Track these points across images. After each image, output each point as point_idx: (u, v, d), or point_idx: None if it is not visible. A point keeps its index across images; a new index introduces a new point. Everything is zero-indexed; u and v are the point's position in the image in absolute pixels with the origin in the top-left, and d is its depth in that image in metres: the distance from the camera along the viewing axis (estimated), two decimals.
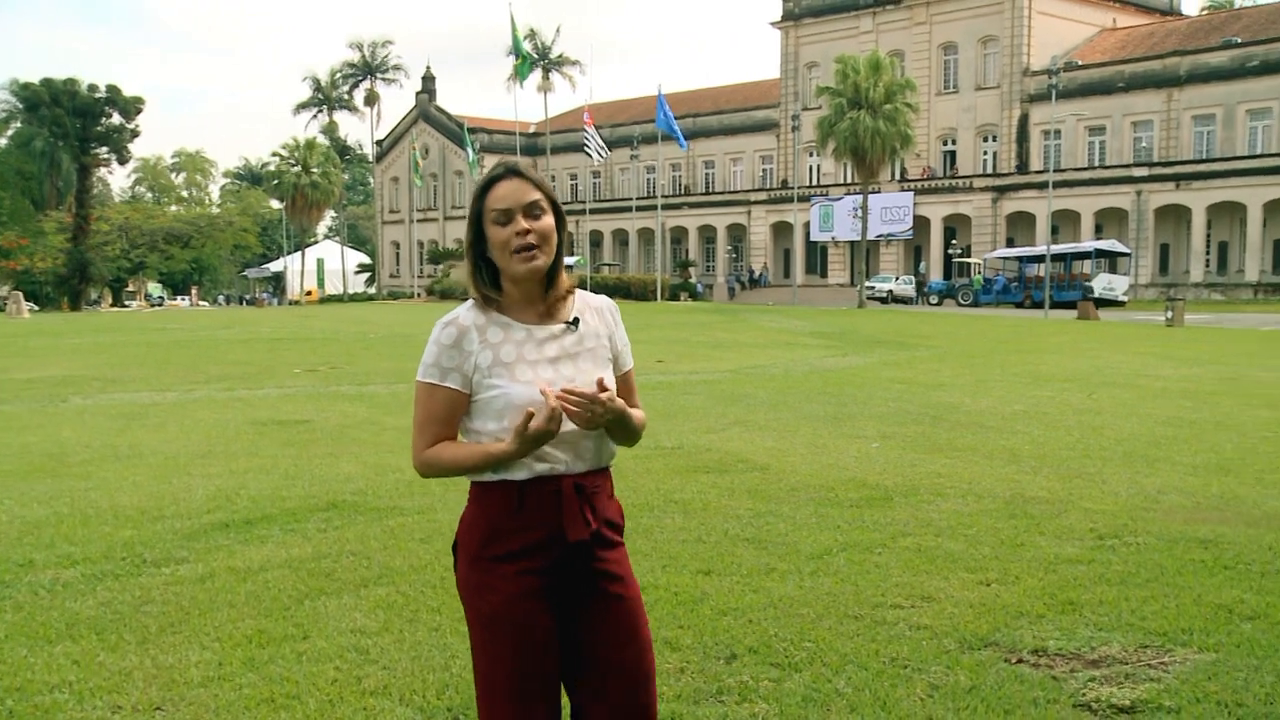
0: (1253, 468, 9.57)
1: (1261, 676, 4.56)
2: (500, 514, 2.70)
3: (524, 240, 2.70)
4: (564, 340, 2.77)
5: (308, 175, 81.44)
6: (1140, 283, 60.58)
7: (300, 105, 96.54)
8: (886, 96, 55.97)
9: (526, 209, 2.72)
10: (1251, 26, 64.92)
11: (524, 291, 2.78)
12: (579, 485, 2.70)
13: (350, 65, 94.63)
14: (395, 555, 6.58)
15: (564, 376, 2.72)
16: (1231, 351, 25.19)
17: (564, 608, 2.75)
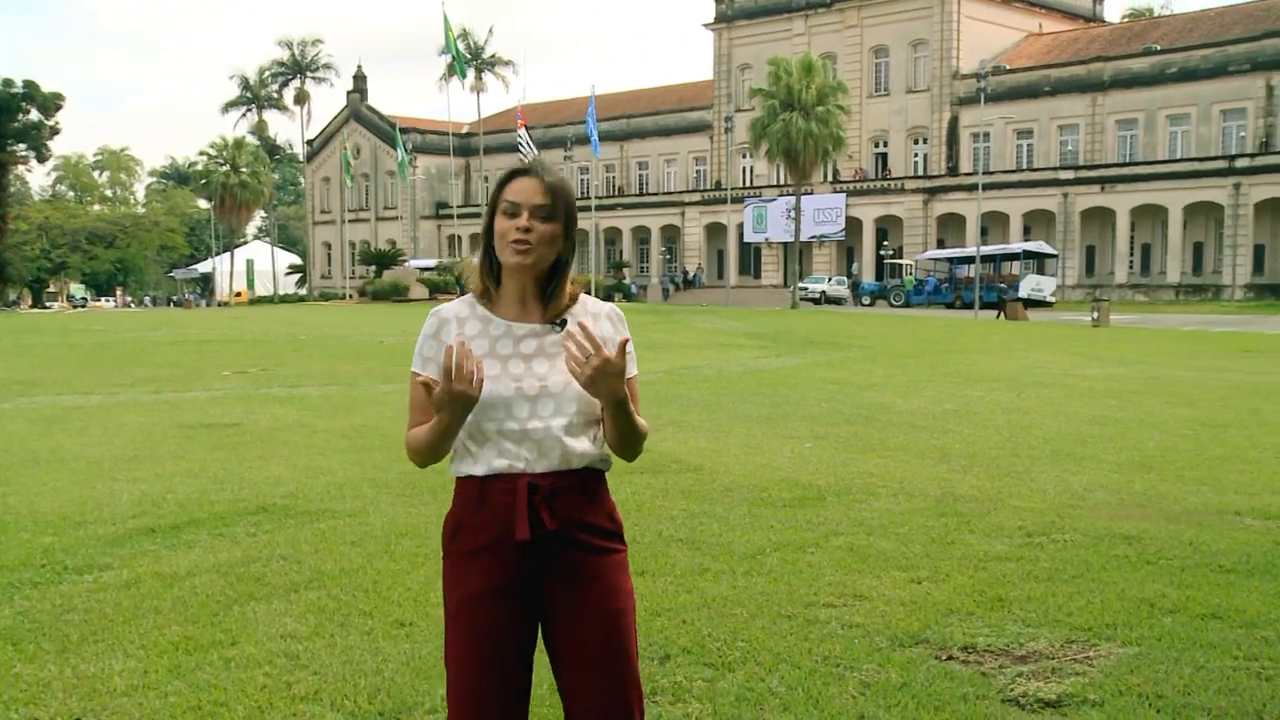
0: (1174, 465, 9.77)
1: (1180, 669, 4.66)
2: (466, 509, 2.75)
3: (521, 236, 2.73)
4: (544, 339, 2.78)
5: (237, 175, 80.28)
6: (1067, 284, 61.65)
7: (228, 104, 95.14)
8: (819, 99, 56.44)
9: (534, 209, 2.75)
10: (1170, 34, 66.39)
11: (517, 287, 2.80)
12: (534, 485, 2.68)
13: (280, 64, 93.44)
14: (326, 559, 6.50)
15: (535, 374, 2.73)
16: (1154, 351, 25.74)
17: (538, 609, 2.75)
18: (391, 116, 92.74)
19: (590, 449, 2.76)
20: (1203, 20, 67.17)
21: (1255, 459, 10.08)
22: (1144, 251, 62.62)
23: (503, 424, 2.70)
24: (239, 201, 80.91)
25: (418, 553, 6.61)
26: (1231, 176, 57.45)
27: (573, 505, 2.74)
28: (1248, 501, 8.08)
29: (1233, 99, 60.62)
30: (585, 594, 2.74)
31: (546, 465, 2.70)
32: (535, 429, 2.69)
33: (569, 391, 2.72)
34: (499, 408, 2.70)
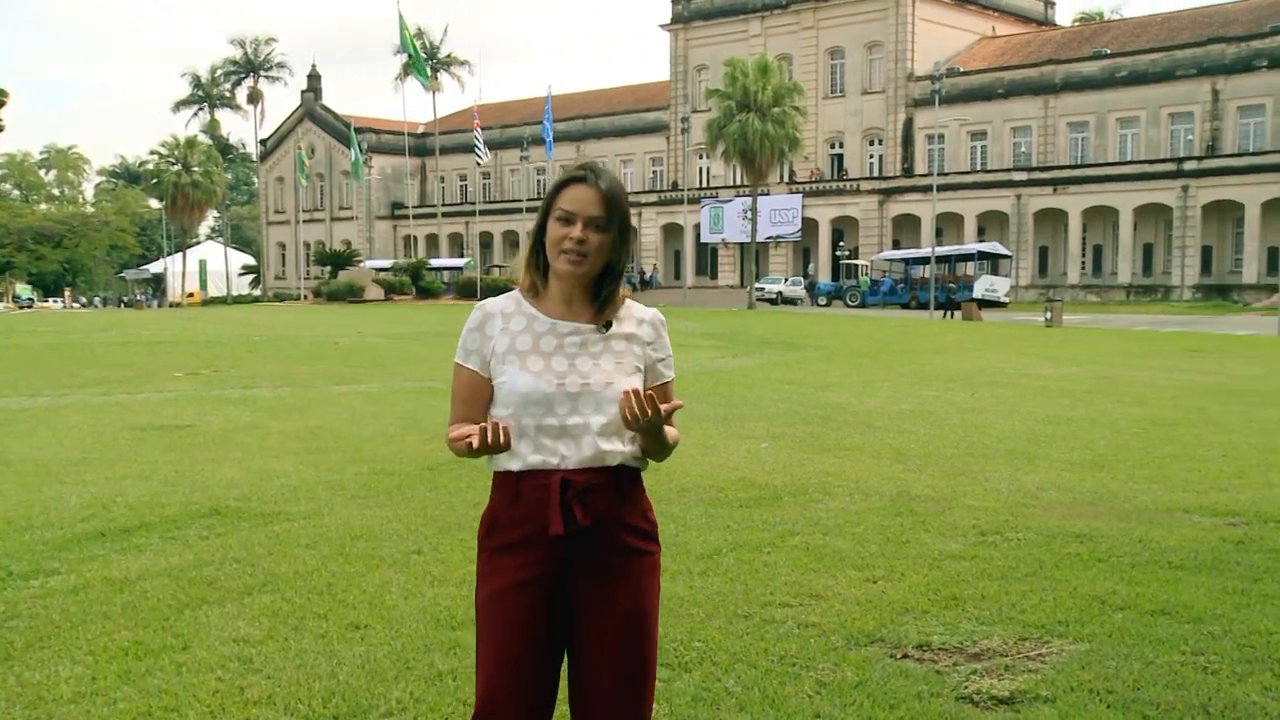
0: (1125, 464, 9.89)
1: (1130, 664, 4.72)
2: (501, 504, 2.78)
3: (575, 246, 2.75)
4: (588, 336, 2.80)
5: (189, 174, 79.34)
6: (1021, 284, 62.27)
7: (180, 103, 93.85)
8: (775, 100, 56.63)
9: (589, 220, 2.75)
10: (1120, 38, 67.29)
11: (565, 289, 2.81)
12: (567, 480, 2.70)
13: (232, 62, 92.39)
14: (280, 562, 6.44)
15: (579, 371, 2.76)
16: (1106, 351, 26.05)
17: (568, 605, 2.76)
18: (346, 116, 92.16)
19: (625, 448, 2.78)
20: (1151, 25, 68.14)
21: (1203, 457, 10.22)
22: (1096, 252, 63.40)
23: (542, 420, 2.73)
24: (191, 201, 79.98)
25: (373, 555, 6.57)
26: (1179, 179, 58.31)
27: (607, 502, 2.75)
28: (1196, 499, 8.19)
29: (1180, 103, 61.52)
30: (613, 593, 2.76)
31: (581, 462, 2.72)
32: (574, 425, 2.72)
33: (609, 392, 2.75)
34: (540, 404, 2.72)
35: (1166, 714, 4.23)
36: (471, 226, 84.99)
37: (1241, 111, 60.00)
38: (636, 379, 2.82)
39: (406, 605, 5.60)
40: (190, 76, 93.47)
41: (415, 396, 15.69)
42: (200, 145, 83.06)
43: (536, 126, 75.72)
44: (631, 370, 2.82)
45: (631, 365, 2.83)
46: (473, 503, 8.07)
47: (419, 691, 4.49)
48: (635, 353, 2.85)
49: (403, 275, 64.51)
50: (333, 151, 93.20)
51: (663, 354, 2.92)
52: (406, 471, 9.42)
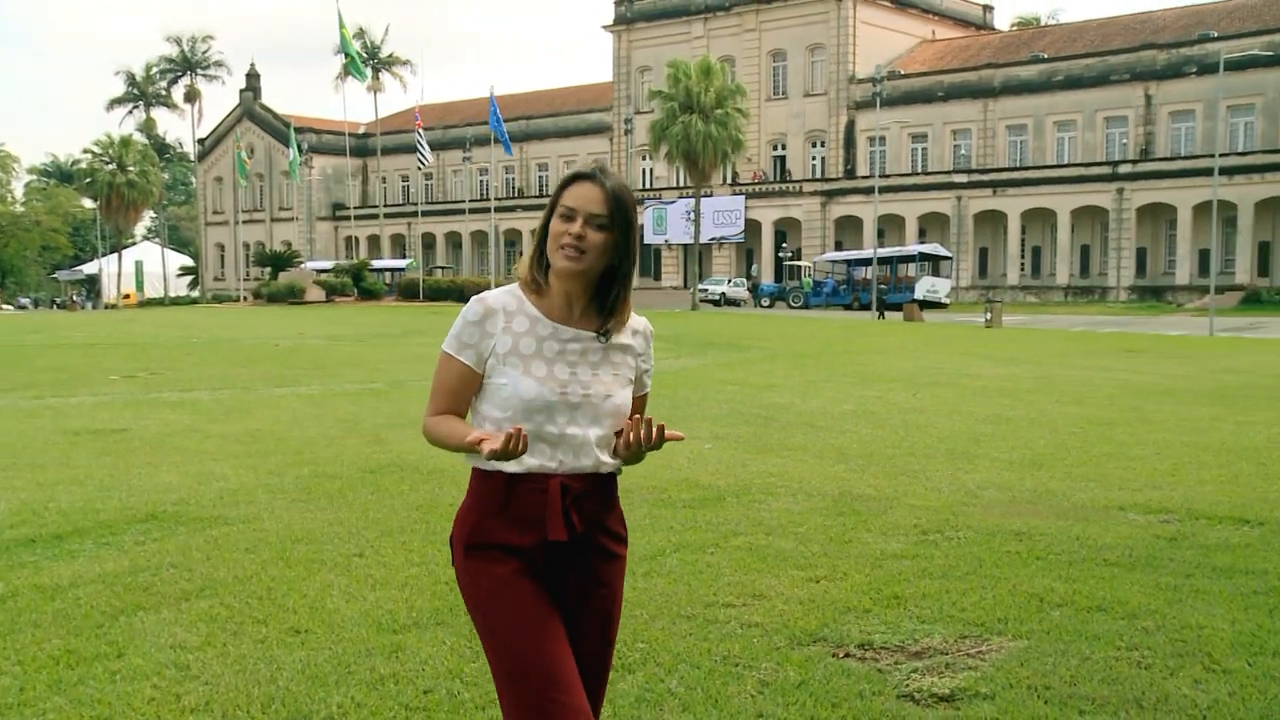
0: (1063, 462, 10.03)
1: (1067, 660, 4.79)
2: (490, 505, 2.74)
3: (573, 242, 2.72)
4: (588, 345, 2.78)
5: (124, 174, 77.98)
6: (961, 285, 62.99)
7: (114, 101, 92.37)
8: (718, 101, 56.82)
9: (589, 217, 2.73)
10: (1056, 43, 68.32)
11: (564, 290, 2.78)
12: (566, 486, 2.70)
13: (168, 60, 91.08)
14: (219, 566, 6.35)
15: (579, 381, 2.74)
16: (1045, 351, 26.41)
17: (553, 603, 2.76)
18: (286, 116, 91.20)
19: (613, 458, 2.80)
20: (1086, 30, 69.25)
21: (1139, 455, 10.39)
22: (1034, 254, 64.29)
23: (541, 427, 2.71)
24: (126, 201, 78.61)
25: (314, 558, 6.50)
26: (1115, 182, 59.31)
27: (595, 509, 2.78)
28: (1131, 497, 8.32)
29: (1115, 107, 62.57)
30: (592, 596, 2.78)
31: (576, 468, 2.72)
32: (573, 435, 2.72)
33: (607, 405, 2.76)
34: (541, 412, 2.70)
35: (1102, 708, 4.30)
36: (414, 227, 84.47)
37: (1173, 116, 61.16)
38: (629, 391, 2.84)
39: (348, 609, 5.55)
40: (125, 74, 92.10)
41: (357, 399, 15.55)
42: (136, 144, 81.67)
43: (479, 127, 75.43)
44: (626, 382, 2.83)
45: (626, 377, 2.84)
46: (414, 505, 8.01)
47: (360, 696, 4.44)
48: (629, 364, 2.85)
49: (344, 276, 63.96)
50: (272, 151, 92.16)
51: (648, 365, 2.94)
52: (348, 474, 9.33)
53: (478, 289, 63.16)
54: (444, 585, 5.92)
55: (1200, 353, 26.10)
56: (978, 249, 65.26)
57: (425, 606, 5.57)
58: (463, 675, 4.65)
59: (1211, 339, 32.02)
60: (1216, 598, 5.66)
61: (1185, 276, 57.67)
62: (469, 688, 4.53)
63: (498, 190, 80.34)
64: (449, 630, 5.21)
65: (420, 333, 32.74)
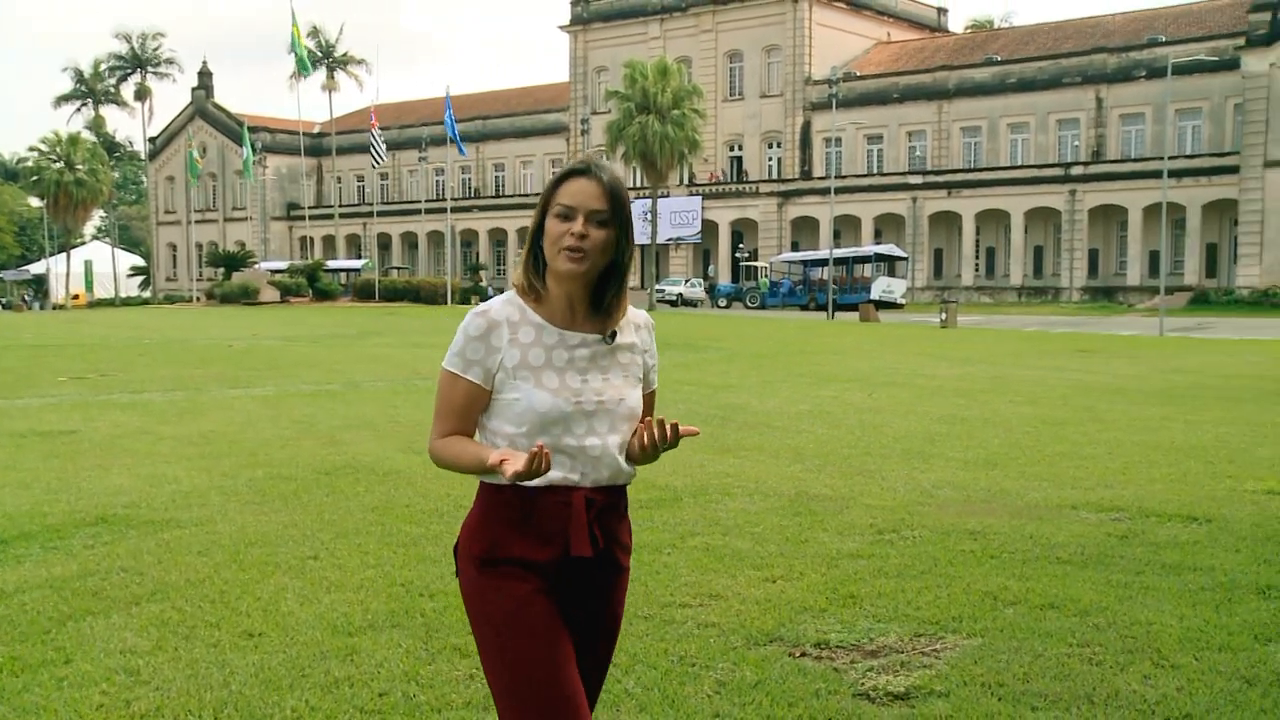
0: (1017, 462, 10.13)
1: (1020, 657, 4.83)
2: (507, 520, 2.62)
3: (575, 242, 2.61)
4: (596, 349, 2.68)
5: (72, 172, 76.85)
6: (917, 285, 63.48)
7: (61, 97, 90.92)
8: (674, 102, 56.94)
9: (589, 214, 2.62)
10: (1010, 45, 68.99)
11: (564, 294, 2.67)
12: (590, 499, 2.61)
13: (117, 57, 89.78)
14: (171, 570, 6.27)
15: (592, 388, 2.64)
16: (999, 351, 26.66)
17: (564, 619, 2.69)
18: (239, 114, 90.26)
19: (628, 468, 2.72)
20: (1039, 33, 69.98)
21: (1091, 455, 10.51)
22: (989, 255, 64.90)
23: (560, 440, 2.61)
24: (75, 200, 77.47)
25: (268, 561, 6.43)
26: (1067, 183, 60.00)
27: (614, 522, 2.71)
28: (1083, 496, 8.41)
29: (1067, 109, 63.27)
30: (601, 608, 2.72)
31: (597, 480, 2.64)
32: (592, 446, 2.62)
33: (622, 409, 2.67)
34: (558, 423, 2.61)
35: (1054, 704, 4.34)
36: (369, 228, 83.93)
37: (1124, 119, 61.94)
38: (640, 391, 2.76)
39: (302, 612, 5.50)
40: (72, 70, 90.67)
41: (312, 400, 15.42)
42: (84, 142, 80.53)
43: (435, 127, 75.14)
44: (635, 382, 2.74)
45: (635, 377, 2.75)
46: (370, 507, 7.96)
47: (314, 700, 4.40)
48: (637, 362, 2.76)
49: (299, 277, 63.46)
50: (225, 151, 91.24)
51: (653, 360, 2.85)
52: (303, 476, 9.25)
53: (434, 290, 62.94)
54: (399, 587, 5.89)
55: (1150, 353, 26.45)
56: (933, 250, 65.79)
57: (381, 609, 5.53)
58: (418, 677, 4.63)
59: (1161, 339, 32.46)
60: (1165, 594, 5.74)
61: (1136, 277, 58.43)
62: (425, 690, 4.50)
63: (454, 190, 79.99)
64: (405, 632, 5.18)
65: (376, 334, 32.55)
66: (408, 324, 38.78)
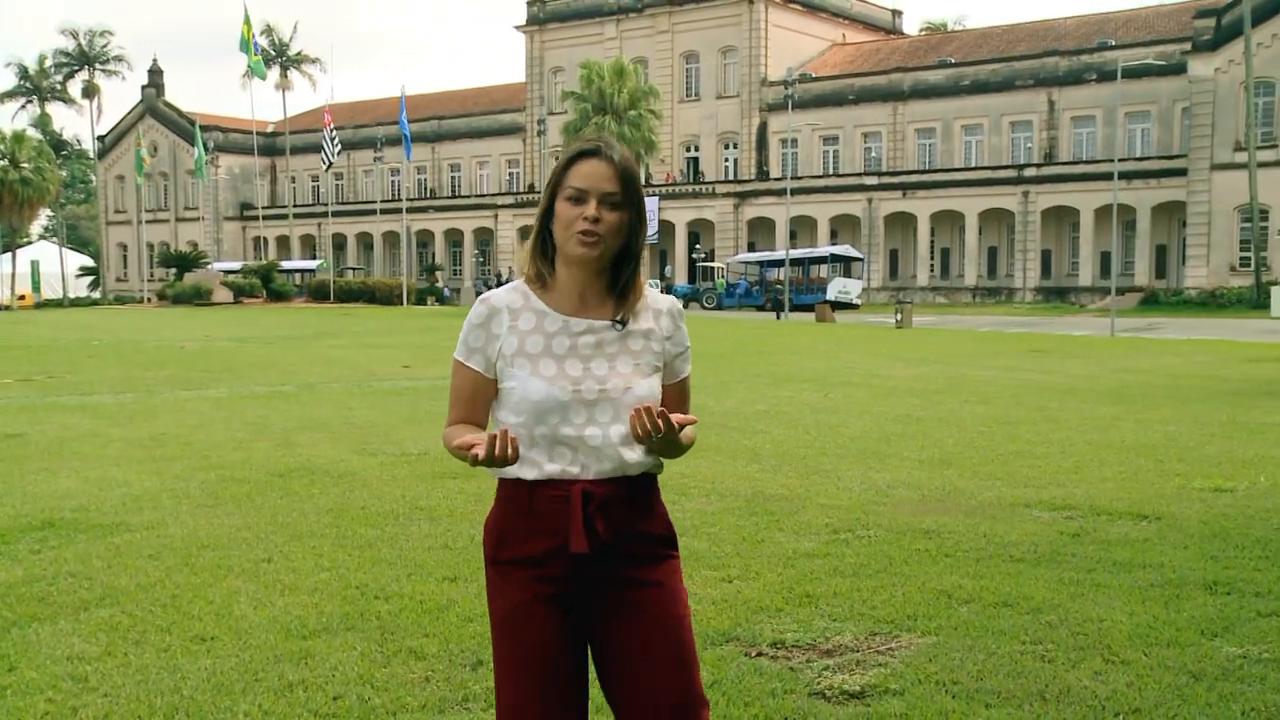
0: (971, 461, 10.20)
1: (974, 655, 4.87)
2: (512, 515, 2.59)
3: (589, 226, 2.54)
4: (603, 335, 2.60)
5: (17, 170, 75.50)
6: (873, 286, 63.87)
7: (5, 94, 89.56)
8: (631, 103, 57.03)
9: (603, 197, 2.56)
10: (963, 48, 69.62)
11: (575, 279, 2.61)
12: (588, 492, 2.54)
13: (64, 54, 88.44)
14: (120, 574, 6.18)
15: (594, 376, 2.56)
16: (954, 351, 26.88)
17: (589, 621, 2.62)
18: (191, 113, 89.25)
19: (645, 456, 2.61)
20: (992, 36, 70.66)
21: (1043, 454, 10.61)
22: (943, 255, 65.45)
23: (557, 429, 2.55)
24: (20, 199, 76.17)
25: (220, 565, 6.36)
26: (1020, 185, 60.62)
27: (626, 515, 2.60)
28: (1036, 494, 8.49)
29: (1020, 111, 63.94)
30: (642, 601, 2.61)
31: (601, 472, 2.56)
32: (592, 435, 2.55)
33: (628, 398, 2.56)
34: (554, 412, 2.54)
35: (1006, 701, 4.38)
36: (324, 228, 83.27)
37: (1075, 122, 62.67)
38: (655, 379, 2.64)
39: (255, 615, 5.44)
40: (16, 66, 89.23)
41: (266, 401, 15.28)
42: (30, 140, 79.24)
43: (390, 127, 74.70)
44: (650, 370, 2.64)
45: (650, 365, 2.64)
46: (325, 509, 7.90)
47: (268, 703, 4.36)
48: (654, 350, 2.65)
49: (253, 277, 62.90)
50: (177, 150, 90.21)
51: (681, 347, 2.73)
52: (256, 478, 9.16)
53: (390, 291, 62.58)
54: (354, 590, 5.85)
55: (1102, 353, 26.76)
56: (888, 250, 66.24)
57: (335, 611, 5.49)
58: (373, 680, 4.59)
59: (1112, 339, 32.86)
60: (1116, 591, 5.80)
61: (1088, 278, 59.12)
62: (379, 693, 4.47)
63: (410, 191, 79.59)
64: (359, 635, 5.14)
65: (331, 335, 32.31)
66: (363, 325, 38.53)
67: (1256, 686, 4.51)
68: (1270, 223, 50.91)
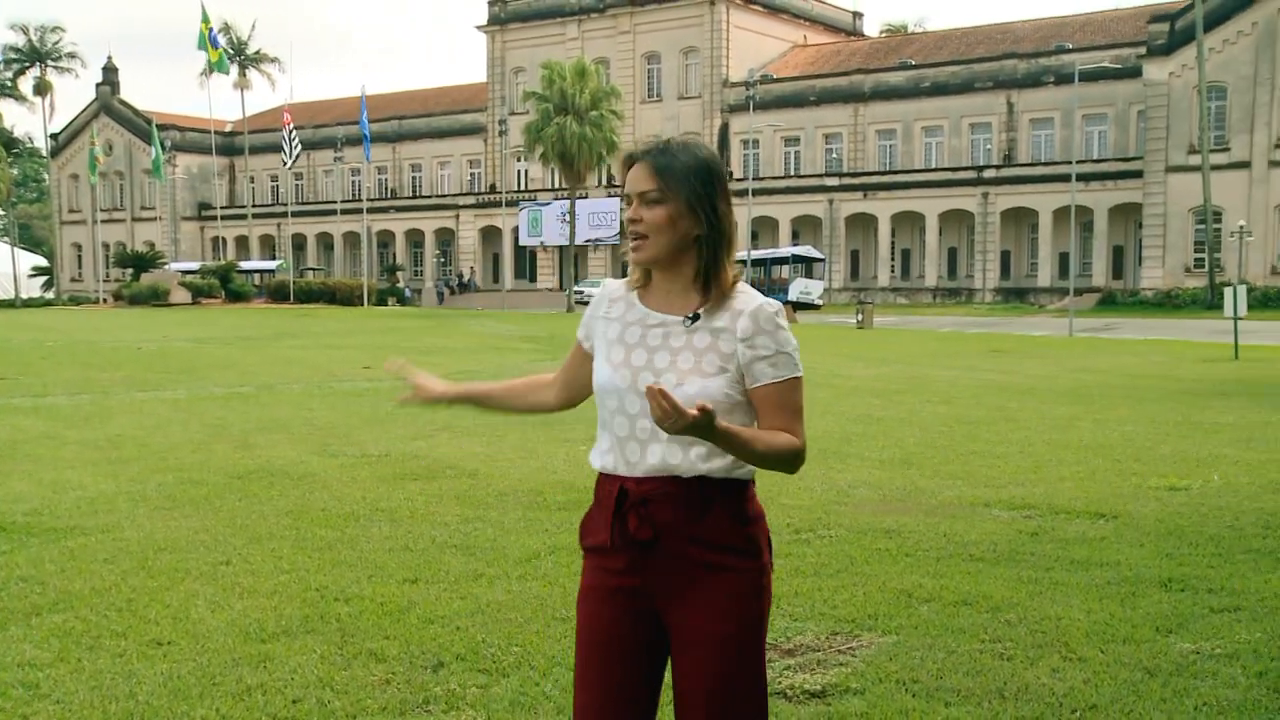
0: (931, 460, 10.27)
1: (934, 654, 4.90)
2: (592, 504, 2.73)
3: (633, 228, 2.63)
4: (672, 329, 2.62)
5: None
6: (834, 287, 64.15)
7: None
8: (593, 103, 56.89)
9: (640, 196, 2.62)
10: (923, 50, 70.06)
11: (659, 276, 2.69)
12: (625, 488, 2.58)
13: (14, 50, 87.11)
14: (74, 579, 6.10)
15: (654, 368, 2.60)
16: (915, 351, 27.05)
17: (656, 614, 2.64)
18: (147, 112, 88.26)
19: (706, 462, 2.55)
20: (951, 38, 71.16)
21: (1003, 454, 10.70)
22: (904, 256, 65.84)
23: (615, 415, 2.63)
24: None
25: (178, 568, 6.30)
26: (980, 186, 61.10)
27: (673, 515, 2.56)
28: (996, 494, 8.56)
29: (979, 114, 64.43)
30: (694, 614, 2.58)
31: (647, 470, 2.58)
32: (643, 428, 2.58)
33: (679, 393, 2.48)
34: (613, 395, 2.63)
35: (966, 700, 4.41)
36: (284, 228, 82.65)
37: (1034, 124, 63.23)
38: (718, 380, 2.55)
39: (213, 619, 5.39)
40: None
41: (225, 402, 15.14)
42: None
43: (350, 127, 74.21)
44: (713, 370, 2.55)
45: (715, 364, 2.56)
46: (284, 511, 7.83)
47: (225, 708, 4.32)
48: (721, 350, 2.57)
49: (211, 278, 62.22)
50: (133, 149, 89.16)
51: (765, 351, 2.57)
52: (215, 480, 9.07)
53: (350, 291, 62.14)
54: (314, 592, 5.80)
55: (1060, 353, 27.02)
56: (849, 251, 66.56)
57: (295, 614, 5.45)
58: (333, 683, 4.56)
59: (1071, 339, 33.18)
60: (1074, 589, 5.86)
61: (1046, 279, 59.67)
62: (339, 696, 4.44)
63: (370, 191, 79.09)
64: (319, 638, 5.10)
65: (291, 336, 32.07)
66: (323, 326, 38.26)
67: (1209, 681, 4.57)
68: (1224, 224, 51.58)
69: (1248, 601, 5.63)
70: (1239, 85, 53.22)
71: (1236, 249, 44.11)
